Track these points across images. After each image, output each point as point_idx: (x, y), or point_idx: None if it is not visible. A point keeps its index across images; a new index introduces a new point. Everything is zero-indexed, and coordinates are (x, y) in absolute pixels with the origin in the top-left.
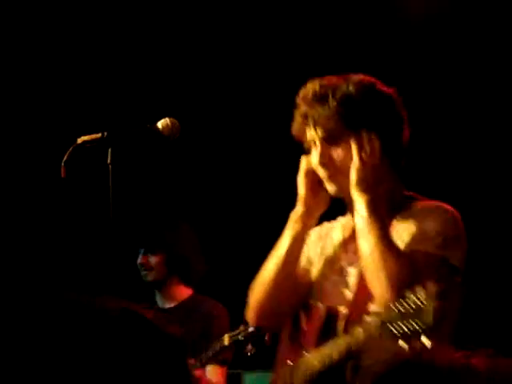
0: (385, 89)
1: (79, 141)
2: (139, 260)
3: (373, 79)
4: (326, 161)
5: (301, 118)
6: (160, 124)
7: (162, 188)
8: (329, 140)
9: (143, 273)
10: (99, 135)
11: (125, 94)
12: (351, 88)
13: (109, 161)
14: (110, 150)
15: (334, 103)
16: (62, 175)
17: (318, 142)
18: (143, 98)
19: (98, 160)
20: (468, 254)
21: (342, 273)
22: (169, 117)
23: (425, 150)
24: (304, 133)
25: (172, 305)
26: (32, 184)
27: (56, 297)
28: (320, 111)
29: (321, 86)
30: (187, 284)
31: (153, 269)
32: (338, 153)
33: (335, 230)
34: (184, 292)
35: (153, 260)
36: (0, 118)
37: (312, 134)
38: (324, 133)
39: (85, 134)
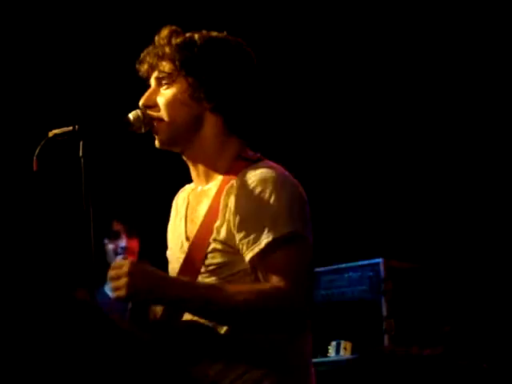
0: (241, 47)
1: (50, 134)
2: (123, 243)
3: (236, 39)
4: (148, 103)
5: (142, 61)
6: (131, 116)
7: (133, 180)
8: (160, 81)
9: (122, 257)
10: (70, 128)
11: (96, 86)
12: (195, 35)
13: (81, 154)
14: (81, 142)
15: (170, 46)
16: (34, 168)
17: (152, 84)
18: (114, 90)
19: (70, 153)
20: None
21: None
22: (140, 109)
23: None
24: (146, 77)
25: None
26: (4, 178)
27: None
28: (156, 52)
29: (167, 33)
30: None
31: (133, 253)
32: (164, 95)
33: (180, 198)
34: None
35: (134, 245)
36: None
37: (150, 77)
38: (157, 73)
39: (56, 128)
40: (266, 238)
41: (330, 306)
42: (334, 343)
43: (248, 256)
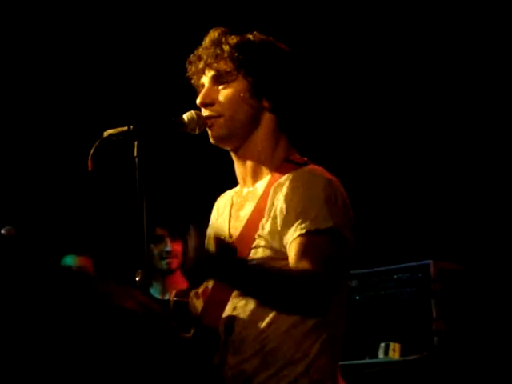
0: (288, 51)
1: (106, 134)
2: (168, 248)
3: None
4: (207, 101)
5: (195, 61)
6: (185, 117)
7: (187, 180)
8: (217, 80)
9: (167, 260)
10: (125, 128)
11: (151, 87)
12: (249, 36)
13: (135, 154)
14: (136, 143)
15: (228, 45)
16: (89, 168)
17: (206, 83)
18: (169, 91)
19: (125, 153)
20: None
21: None
22: (194, 110)
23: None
24: (196, 77)
25: None
26: (60, 178)
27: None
28: (212, 52)
29: (219, 33)
30: None
31: (177, 256)
32: (224, 93)
33: (222, 200)
34: (185, 284)
35: (178, 248)
36: (30, 112)
37: (202, 77)
38: (214, 72)
39: (111, 128)
40: (305, 228)
41: (378, 307)
42: (382, 345)
43: (286, 241)
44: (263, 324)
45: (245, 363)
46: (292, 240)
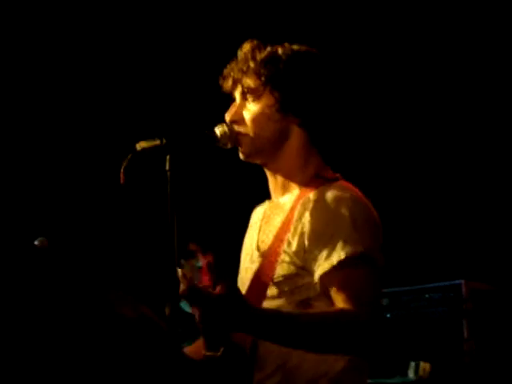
0: (324, 61)
1: (138, 147)
2: (199, 263)
3: (316, 52)
4: (235, 118)
5: (226, 76)
6: (218, 131)
7: (220, 194)
8: (246, 96)
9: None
10: (158, 142)
11: (183, 100)
12: (279, 49)
13: (167, 167)
14: (168, 156)
15: (254, 61)
16: (122, 181)
17: (237, 99)
18: (201, 104)
19: (157, 167)
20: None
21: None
22: (226, 124)
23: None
24: (230, 92)
25: None
26: (93, 190)
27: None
28: (240, 67)
29: (251, 46)
30: None
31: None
32: (250, 110)
33: (257, 212)
34: None
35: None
36: (65, 123)
37: (234, 92)
38: (242, 88)
39: (143, 141)
40: (337, 256)
41: (409, 326)
42: (412, 364)
43: (318, 271)
44: None
45: (267, 380)
46: (324, 273)
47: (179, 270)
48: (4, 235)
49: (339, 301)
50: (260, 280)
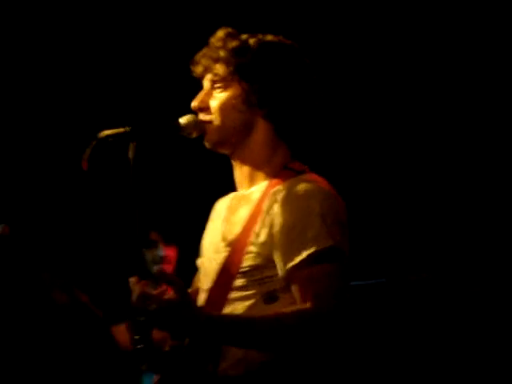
0: (297, 53)
1: (102, 135)
2: (161, 253)
3: (291, 43)
4: (201, 105)
5: (196, 63)
6: (183, 120)
7: (183, 184)
8: (214, 84)
9: (161, 266)
10: (122, 130)
11: (147, 89)
12: (250, 40)
13: (130, 155)
14: (132, 144)
15: (225, 50)
16: (84, 169)
17: (205, 86)
18: (166, 93)
19: (120, 154)
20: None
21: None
22: (192, 114)
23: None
24: (200, 78)
25: None
26: (55, 178)
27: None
28: (211, 55)
29: (223, 34)
30: None
31: (171, 262)
32: (217, 98)
33: (221, 204)
34: None
35: (172, 253)
36: (26, 111)
37: (204, 79)
38: (212, 75)
39: (107, 129)
40: (307, 250)
41: None
42: None
43: (288, 265)
44: None
45: (230, 370)
46: (292, 266)
47: (130, 280)
48: None
49: (302, 296)
50: (227, 270)
